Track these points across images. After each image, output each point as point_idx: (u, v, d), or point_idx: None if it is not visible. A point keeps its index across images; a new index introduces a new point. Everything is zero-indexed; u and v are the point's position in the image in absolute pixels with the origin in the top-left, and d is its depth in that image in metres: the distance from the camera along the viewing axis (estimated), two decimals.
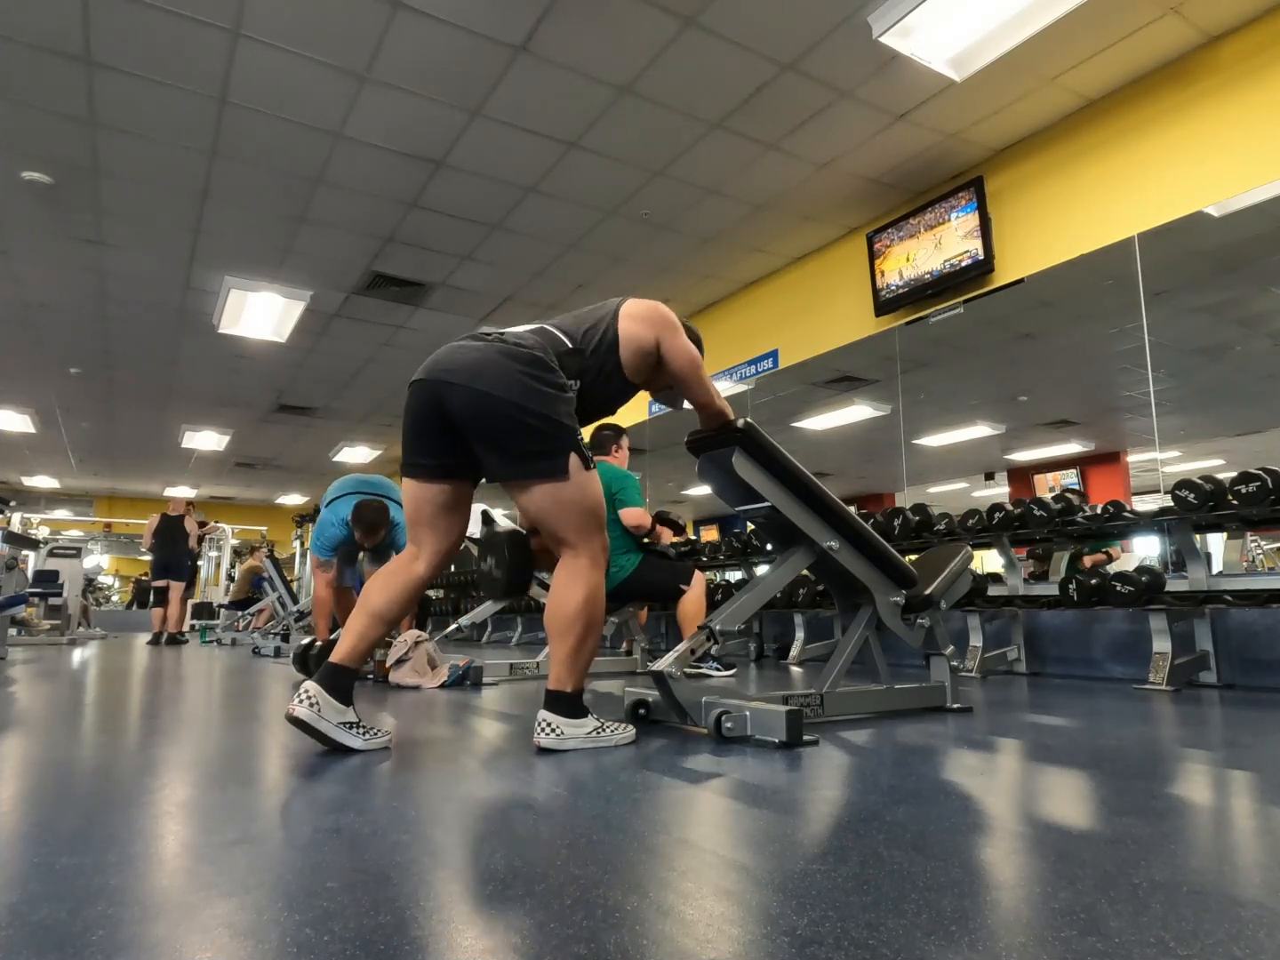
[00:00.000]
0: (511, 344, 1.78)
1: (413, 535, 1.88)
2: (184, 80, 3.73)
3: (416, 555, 1.86)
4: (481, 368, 1.73)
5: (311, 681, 1.71)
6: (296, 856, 0.98)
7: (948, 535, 3.95)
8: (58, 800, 1.29)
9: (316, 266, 5.70)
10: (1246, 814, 1.20)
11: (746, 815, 1.20)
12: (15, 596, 5.26)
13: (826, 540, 2.14)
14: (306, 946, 0.71)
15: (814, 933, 0.74)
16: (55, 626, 8.01)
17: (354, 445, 11.05)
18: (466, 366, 1.75)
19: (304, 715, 1.66)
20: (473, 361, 1.75)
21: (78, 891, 0.85)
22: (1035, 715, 2.35)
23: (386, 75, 3.71)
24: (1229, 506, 3.02)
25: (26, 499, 14.53)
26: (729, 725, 1.86)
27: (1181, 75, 3.67)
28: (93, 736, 1.98)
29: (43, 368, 7.88)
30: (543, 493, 1.77)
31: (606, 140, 4.26)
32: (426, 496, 1.85)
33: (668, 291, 6.26)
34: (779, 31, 3.47)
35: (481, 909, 0.81)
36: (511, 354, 1.76)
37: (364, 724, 1.76)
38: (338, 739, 1.70)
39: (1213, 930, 0.75)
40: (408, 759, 1.68)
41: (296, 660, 3.75)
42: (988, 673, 3.72)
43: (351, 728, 1.72)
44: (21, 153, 4.27)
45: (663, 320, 1.97)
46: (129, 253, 5.43)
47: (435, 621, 6.63)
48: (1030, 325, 4.68)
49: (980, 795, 1.32)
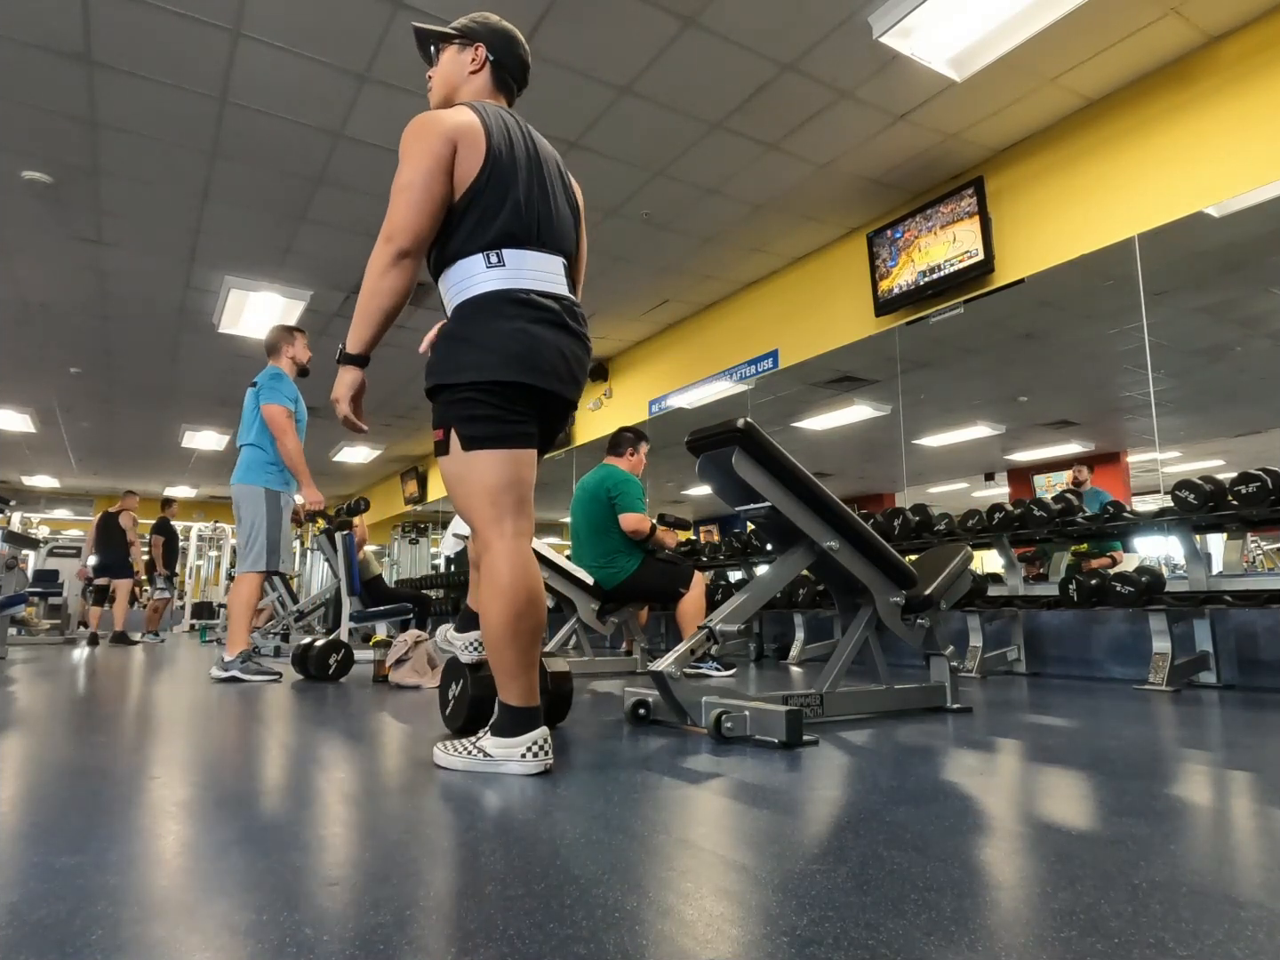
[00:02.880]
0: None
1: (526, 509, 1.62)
2: (184, 80, 3.73)
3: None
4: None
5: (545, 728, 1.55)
6: (296, 856, 0.98)
7: (948, 535, 3.95)
8: (58, 800, 1.29)
9: (316, 266, 5.70)
10: (1246, 814, 1.20)
11: (746, 815, 1.20)
12: (15, 596, 5.26)
13: (826, 540, 2.14)
14: (306, 946, 0.71)
15: (814, 933, 0.74)
16: (55, 626, 8.01)
17: (354, 445, 11.06)
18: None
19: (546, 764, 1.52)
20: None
21: (77, 891, 0.85)
22: (1035, 715, 2.35)
23: (386, 75, 3.71)
24: (1229, 507, 3.02)
25: (26, 498, 14.53)
26: (729, 725, 1.86)
27: (1181, 76, 3.67)
28: (93, 736, 1.98)
29: (43, 368, 7.87)
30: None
31: (606, 140, 4.26)
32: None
33: (668, 292, 6.27)
34: (779, 31, 3.47)
35: (481, 909, 0.81)
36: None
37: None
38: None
39: (1212, 930, 0.75)
40: (407, 759, 1.68)
41: (296, 660, 3.75)
42: (988, 673, 3.72)
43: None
44: (21, 153, 4.27)
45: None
46: (129, 252, 5.43)
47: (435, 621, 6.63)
48: (1030, 325, 4.68)
49: (980, 795, 1.32)
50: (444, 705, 2.01)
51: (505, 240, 1.60)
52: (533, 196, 1.64)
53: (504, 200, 1.60)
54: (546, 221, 1.65)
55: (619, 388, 7.64)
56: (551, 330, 1.59)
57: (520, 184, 1.63)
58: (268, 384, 3.71)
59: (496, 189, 1.60)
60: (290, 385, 3.77)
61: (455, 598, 8.31)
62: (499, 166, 1.61)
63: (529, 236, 1.62)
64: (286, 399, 3.69)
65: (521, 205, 1.61)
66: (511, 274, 1.59)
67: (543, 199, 1.66)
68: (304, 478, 3.71)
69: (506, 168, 1.62)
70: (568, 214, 1.73)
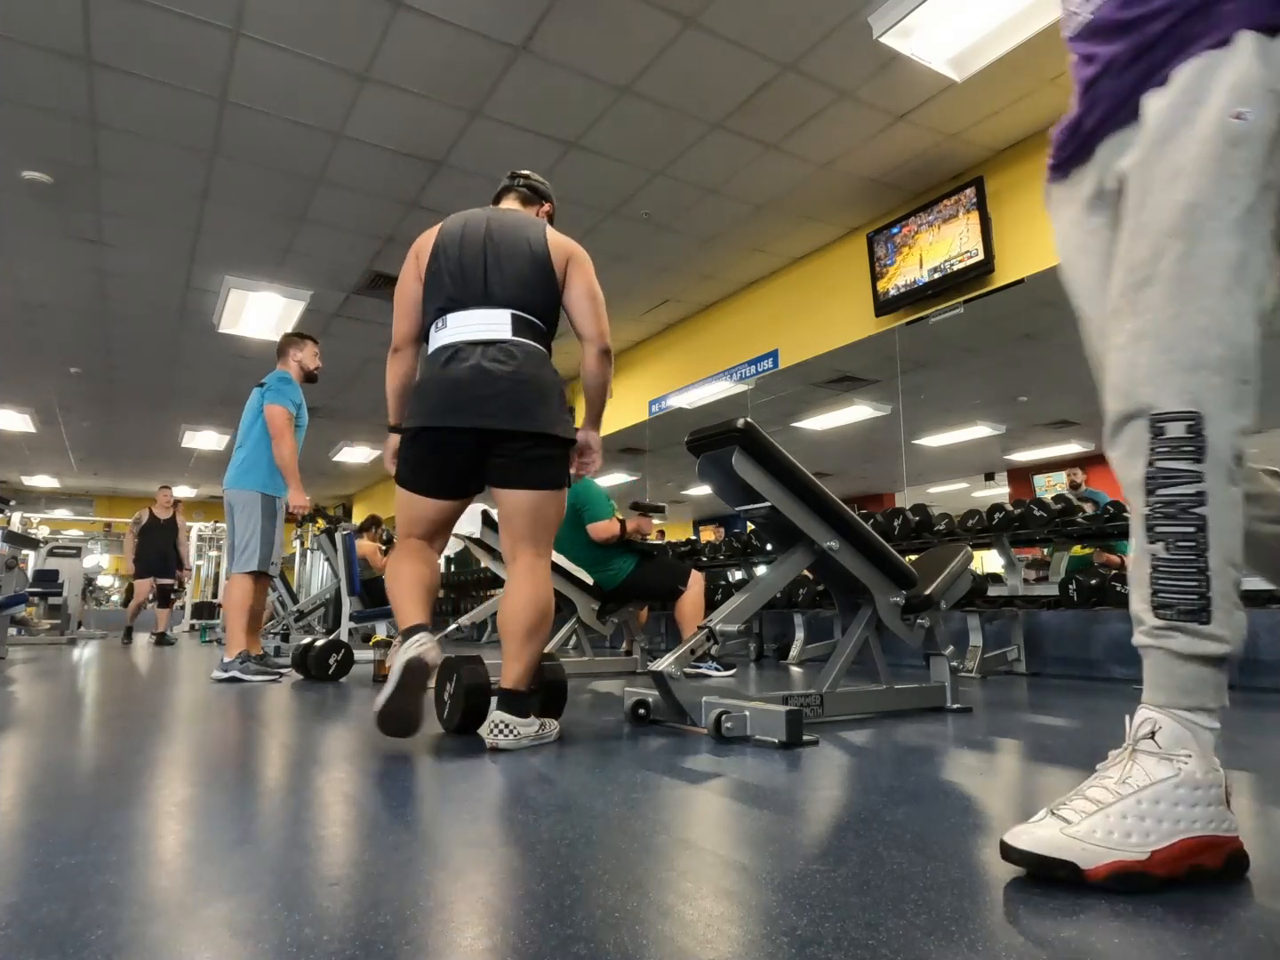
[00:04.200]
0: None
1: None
2: (184, 80, 3.73)
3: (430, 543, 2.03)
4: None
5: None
6: (297, 856, 0.98)
7: (948, 535, 3.95)
8: (58, 800, 1.29)
9: (316, 266, 5.70)
10: (1246, 814, 1.19)
11: (746, 815, 1.20)
12: (15, 596, 5.26)
13: (826, 540, 2.14)
14: (306, 946, 0.71)
15: (814, 933, 0.74)
16: (55, 626, 8.00)
17: (354, 445, 11.06)
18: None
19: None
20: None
21: (78, 891, 0.85)
22: (1035, 715, 2.35)
23: (386, 75, 3.72)
24: None
25: (26, 498, 14.54)
26: (729, 725, 1.86)
27: None
28: (92, 736, 1.98)
29: (43, 368, 7.88)
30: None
31: (606, 140, 4.26)
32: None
33: (668, 292, 6.27)
34: (779, 31, 3.47)
35: (481, 909, 0.81)
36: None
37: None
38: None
39: (1212, 930, 0.75)
40: (407, 758, 1.68)
41: (296, 661, 3.75)
42: (988, 673, 3.72)
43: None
44: (21, 153, 4.27)
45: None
46: (129, 252, 5.43)
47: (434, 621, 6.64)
48: (1030, 325, 4.68)
49: (980, 795, 1.32)
50: (440, 707, 2.01)
51: (442, 309, 1.93)
52: (468, 264, 1.92)
53: (441, 278, 1.94)
54: (479, 284, 1.91)
55: (619, 388, 7.65)
56: (437, 373, 1.88)
57: (457, 259, 1.93)
58: (276, 385, 3.77)
59: (437, 273, 1.95)
60: (296, 390, 3.83)
61: (455, 598, 8.31)
62: (443, 254, 1.95)
63: (462, 301, 1.91)
64: (291, 402, 3.74)
65: (458, 276, 1.92)
66: (440, 335, 1.92)
67: (482, 264, 1.92)
68: (293, 480, 3.77)
69: (450, 252, 1.94)
70: (518, 269, 1.93)
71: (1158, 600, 0.88)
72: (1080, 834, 0.84)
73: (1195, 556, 0.86)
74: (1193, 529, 0.86)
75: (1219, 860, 0.86)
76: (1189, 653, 0.86)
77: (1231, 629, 0.87)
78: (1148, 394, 0.89)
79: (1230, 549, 0.87)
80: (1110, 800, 0.85)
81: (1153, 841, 0.83)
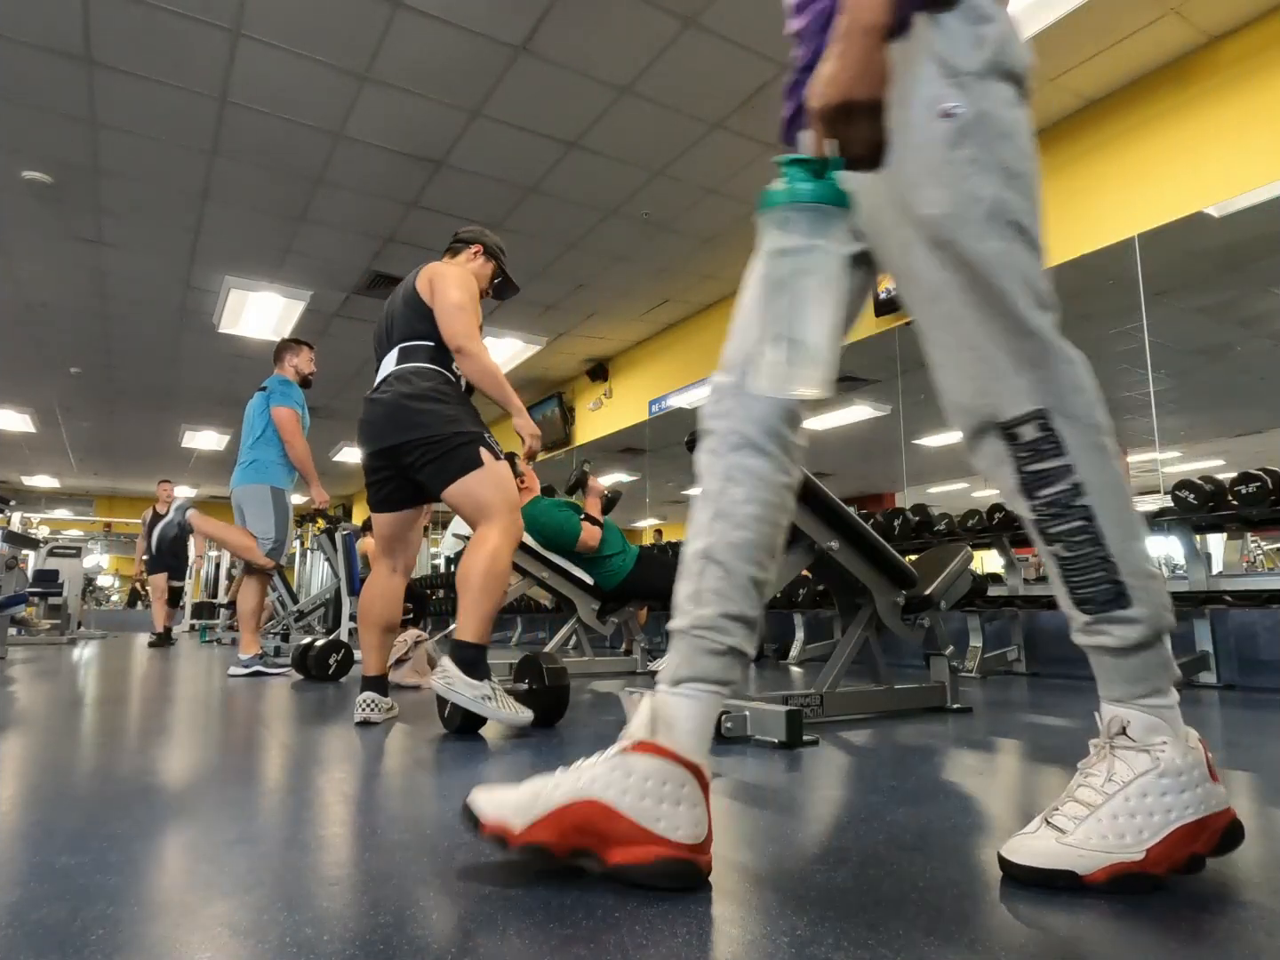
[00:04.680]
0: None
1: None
2: (184, 80, 3.73)
3: (394, 568, 2.34)
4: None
5: (368, 692, 2.18)
6: (296, 856, 0.98)
7: (948, 535, 3.95)
8: (58, 800, 1.29)
9: (316, 266, 5.70)
10: (1246, 814, 1.19)
11: (746, 815, 1.20)
12: (15, 596, 5.26)
13: (826, 540, 2.14)
14: (306, 946, 0.71)
15: (814, 933, 0.74)
16: (55, 626, 8.00)
17: (354, 445, 11.07)
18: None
19: (366, 716, 2.14)
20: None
21: (78, 891, 0.85)
22: (1035, 715, 2.35)
23: (386, 75, 3.71)
24: (1229, 507, 3.02)
25: (26, 498, 14.54)
26: (729, 725, 1.86)
27: (1181, 76, 3.67)
28: (92, 736, 1.98)
29: (43, 368, 7.88)
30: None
31: (606, 140, 4.26)
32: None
33: (668, 292, 6.27)
34: (779, 31, 3.46)
35: (482, 909, 0.81)
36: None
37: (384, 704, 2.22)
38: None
39: (1212, 930, 0.75)
40: (409, 758, 1.69)
41: (296, 661, 3.75)
42: (988, 673, 3.72)
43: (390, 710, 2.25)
44: (21, 153, 4.27)
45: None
46: (129, 252, 5.43)
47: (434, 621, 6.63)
48: None
49: (980, 795, 1.32)
50: (441, 707, 2.04)
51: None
52: (381, 330, 2.28)
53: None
54: (385, 339, 2.25)
55: (619, 388, 7.64)
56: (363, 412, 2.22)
57: (380, 324, 2.30)
58: (278, 388, 3.87)
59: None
60: (297, 391, 3.95)
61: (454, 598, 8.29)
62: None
63: (378, 355, 2.27)
64: (295, 403, 3.83)
65: (380, 337, 2.28)
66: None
67: (387, 324, 2.26)
68: (312, 477, 3.92)
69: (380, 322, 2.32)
70: (401, 311, 2.23)
71: (1078, 597, 0.87)
72: (1075, 841, 0.84)
73: (1095, 547, 0.85)
74: (1082, 521, 0.85)
75: (1215, 839, 0.86)
76: (1123, 646, 0.86)
77: (1150, 603, 0.85)
78: (988, 405, 0.88)
79: (1126, 523, 0.85)
80: (1099, 801, 0.85)
81: (1146, 838, 0.83)
